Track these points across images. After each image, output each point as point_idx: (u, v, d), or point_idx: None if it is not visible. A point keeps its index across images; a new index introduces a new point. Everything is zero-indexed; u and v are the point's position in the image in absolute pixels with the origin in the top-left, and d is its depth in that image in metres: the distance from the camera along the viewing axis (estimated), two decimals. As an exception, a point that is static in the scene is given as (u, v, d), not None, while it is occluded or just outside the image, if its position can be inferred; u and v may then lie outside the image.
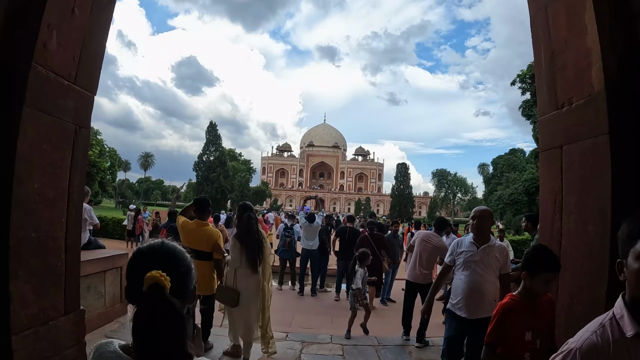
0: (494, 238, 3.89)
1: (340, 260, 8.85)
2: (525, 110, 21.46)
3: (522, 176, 64.06)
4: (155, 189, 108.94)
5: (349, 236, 8.80)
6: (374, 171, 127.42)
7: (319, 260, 9.25)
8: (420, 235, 6.15)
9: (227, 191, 40.19)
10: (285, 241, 9.41)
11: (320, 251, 9.19)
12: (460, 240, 3.98)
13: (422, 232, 6.34)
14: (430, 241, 5.97)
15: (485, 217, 3.79)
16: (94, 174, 20.95)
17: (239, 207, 4.89)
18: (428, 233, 6.17)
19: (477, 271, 3.69)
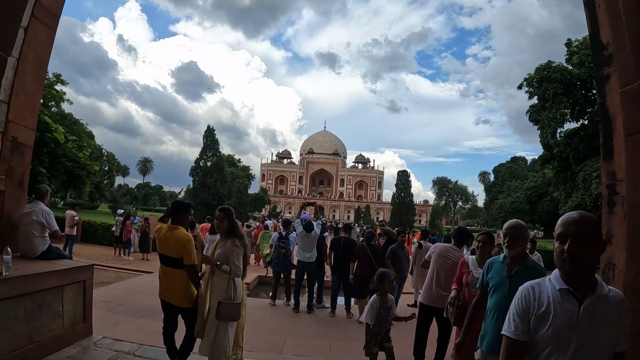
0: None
1: (335, 274, 7.97)
2: (533, 115, 20.68)
3: (523, 184, 63.36)
4: (154, 194, 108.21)
5: (344, 247, 7.94)
6: (373, 179, 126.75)
7: (316, 274, 8.38)
8: (438, 250, 5.18)
9: (224, 197, 39.31)
10: (279, 252, 8.48)
11: (317, 263, 8.31)
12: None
13: (440, 245, 5.36)
14: (450, 257, 5.02)
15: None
16: (83, 177, 20.07)
17: (217, 210, 4.26)
18: (447, 247, 5.17)
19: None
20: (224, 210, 4.16)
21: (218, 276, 4.03)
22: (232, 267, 3.96)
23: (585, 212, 1.85)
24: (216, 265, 3.99)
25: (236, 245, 4.01)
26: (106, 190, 60.38)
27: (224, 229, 4.08)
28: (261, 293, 10.87)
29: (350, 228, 8.93)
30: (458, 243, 5.16)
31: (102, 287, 9.28)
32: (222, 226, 4.08)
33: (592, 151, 20.13)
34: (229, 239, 4.05)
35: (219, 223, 4.08)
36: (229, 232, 4.08)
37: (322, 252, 8.45)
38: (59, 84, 21.09)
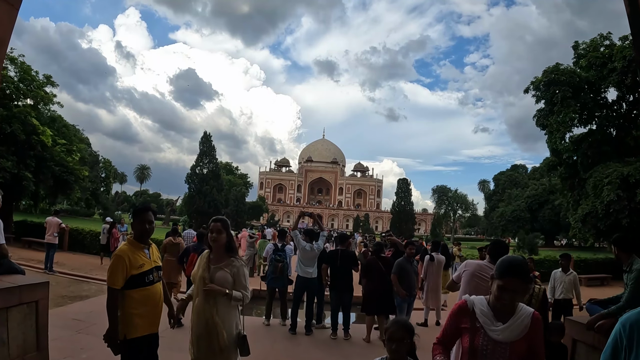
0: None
1: (333, 291, 7.05)
2: (540, 119, 19.93)
3: (524, 192, 62.73)
4: (151, 202, 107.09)
5: (341, 261, 7.03)
6: (372, 187, 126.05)
7: (318, 292, 7.49)
8: (471, 268, 4.16)
9: (220, 205, 38.38)
10: (275, 267, 7.51)
11: (318, 279, 7.44)
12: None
13: (472, 263, 4.34)
14: (486, 277, 4.00)
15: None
16: (71, 182, 19.16)
17: (212, 221, 3.43)
18: (481, 265, 4.15)
19: None
20: (221, 221, 3.32)
21: (224, 305, 3.14)
22: (244, 294, 3.19)
23: None
24: (225, 294, 3.11)
25: (243, 265, 3.30)
26: (102, 198, 59.58)
27: (222, 244, 3.26)
28: (254, 309, 9.89)
29: (346, 239, 7.95)
30: (494, 260, 4.18)
31: (78, 302, 8.42)
32: (220, 240, 3.25)
33: (601, 157, 19.39)
34: (229, 256, 3.26)
35: (216, 236, 3.24)
36: (228, 248, 3.28)
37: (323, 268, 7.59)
38: (49, 85, 20.31)
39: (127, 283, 3.09)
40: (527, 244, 23.67)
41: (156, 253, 3.44)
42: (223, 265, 3.21)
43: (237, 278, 3.18)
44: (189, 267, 7.17)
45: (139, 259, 3.18)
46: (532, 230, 61.84)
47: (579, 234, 19.24)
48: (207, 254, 3.35)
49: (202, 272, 3.24)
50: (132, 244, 3.25)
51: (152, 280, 3.24)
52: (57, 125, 21.86)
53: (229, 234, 3.30)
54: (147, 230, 3.28)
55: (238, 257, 3.31)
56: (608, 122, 19.47)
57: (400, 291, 6.62)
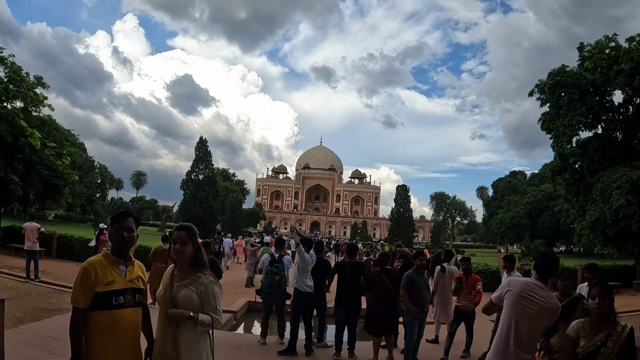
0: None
1: (340, 307, 6.35)
2: (546, 123, 19.40)
3: (523, 199, 62.32)
4: (148, 208, 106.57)
5: (351, 275, 6.35)
6: (370, 194, 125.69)
7: (319, 305, 6.82)
8: (517, 288, 3.29)
9: (216, 212, 37.65)
10: (272, 280, 6.80)
11: (318, 292, 6.75)
12: None
13: (518, 281, 3.36)
14: (535, 299, 3.20)
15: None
16: (60, 186, 18.44)
17: (176, 229, 2.81)
18: (528, 284, 3.28)
19: None
20: (185, 229, 2.74)
21: (188, 331, 2.57)
22: (214, 317, 2.63)
23: None
24: (189, 317, 2.53)
25: (214, 283, 2.71)
26: (98, 204, 58.73)
27: (188, 257, 2.68)
28: (250, 324, 9.17)
29: (356, 250, 7.32)
30: (544, 275, 3.34)
31: (57, 315, 7.68)
32: (185, 252, 2.67)
33: (608, 161, 18.86)
34: (196, 272, 2.69)
35: (180, 248, 2.67)
36: (194, 261, 2.70)
37: (322, 278, 6.89)
38: (39, 87, 19.68)
39: (92, 302, 2.47)
40: (532, 252, 23.01)
41: (138, 272, 2.75)
42: (188, 282, 2.65)
43: (205, 298, 2.62)
44: None
45: (108, 275, 2.56)
46: (532, 236, 61.46)
47: (586, 241, 18.61)
48: (171, 269, 2.77)
49: (163, 292, 2.65)
50: (105, 257, 2.64)
51: (123, 304, 2.55)
52: (47, 128, 21.21)
53: (196, 245, 2.72)
54: (125, 240, 2.64)
55: (207, 272, 2.71)
56: (614, 126, 18.98)
57: (412, 308, 5.84)
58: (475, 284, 6.91)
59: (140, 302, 2.70)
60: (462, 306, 6.84)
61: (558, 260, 3.48)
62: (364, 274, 6.66)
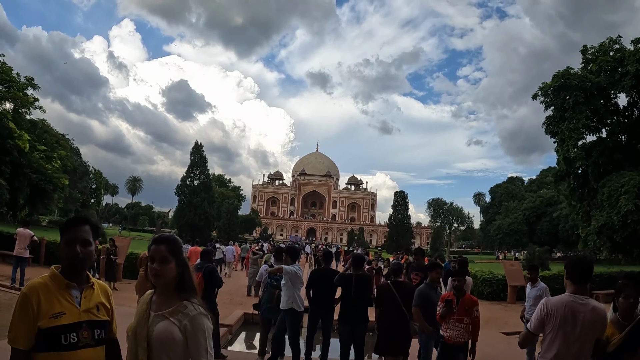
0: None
1: (344, 325, 5.69)
2: (550, 127, 19.04)
3: (521, 205, 62.07)
4: (144, 214, 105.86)
5: (356, 289, 5.67)
6: (366, 201, 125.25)
7: (325, 321, 6.19)
8: (561, 310, 2.83)
9: (212, 218, 36.96)
10: (272, 294, 6.24)
11: (327, 308, 6.13)
12: None
13: (558, 302, 2.91)
14: (580, 318, 2.79)
15: None
16: (50, 191, 17.79)
17: (154, 242, 2.12)
18: (570, 303, 2.84)
19: None
20: (166, 243, 2.03)
21: None
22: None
23: None
24: None
25: (204, 316, 1.96)
26: (92, 209, 58.04)
27: (170, 280, 1.98)
28: (247, 339, 8.47)
29: (362, 262, 6.39)
30: (582, 285, 2.90)
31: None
32: (166, 273, 1.97)
33: (613, 165, 18.54)
34: (181, 299, 1.97)
35: (159, 268, 1.96)
36: (180, 286, 2.00)
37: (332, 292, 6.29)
38: (30, 87, 19.10)
39: (36, 341, 1.83)
40: (538, 259, 22.44)
41: (100, 298, 2.05)
42: (169, 312, 1.93)
43: (191, 336, 1.90)
44: None
45: (56, 304, 1.89)
46: (531, 242, 61.13)
47: (592, 247, 18.19)
48: (148, 296, 2.06)
49: (135, 325, 1.97)
50: (53, 278, 1.94)
51: (75, 343, 1.88)
52: (37, 131, 20.61)
53: (181, 263, 2.01)
54: (78, 256, 1.93)
55: (195, 300, 1.99)
56: (620, 129, 18.65)
57: (426, 327, 5.21)
58: (471, 308, 4.86)
59: (103, 339, 1.99)
60: (451, 338, 4.83)
61: (592, 264, 3.06)
62: (371, 287, 6.09)
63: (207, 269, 6.28)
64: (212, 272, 6.30)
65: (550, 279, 15.91)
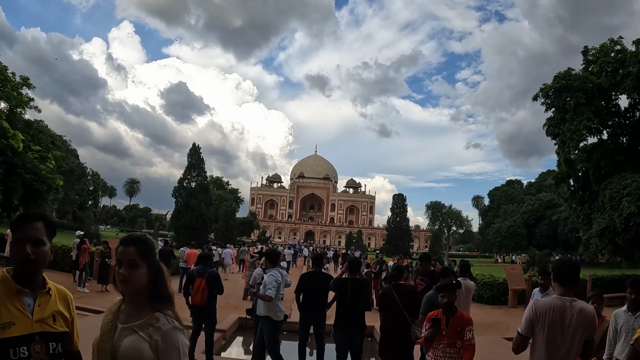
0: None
1: (340, 332, 5.37)
2: (551, 128, 18.82)
3: (520, 208, 62.01)
4: (142, 216, 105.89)
5: (352, 294, 5.37)
6: (365, 204, 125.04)
7: (318, 326, 5.93)
8: (550, 313, 2.89)
9: (209, 220, 36.69)
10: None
11: (320, 313, 5.88)
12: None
13: (546, 305, 2.95)
14: (567, 319, 2.87)
15: None
16: (43, 192, 17.52)
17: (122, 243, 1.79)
18: (557, 305, 2.90)
19: None
20: (135, 244, 1.74)
21: None
22: None
23: None
24: None
25: (179, 330, 1.70)
26: (89, 211, 57.69)
27: (140, 287, 1.71)
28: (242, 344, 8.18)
29: (359, 265, 5.99)
30: (569, 287, 2.97)
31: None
32: (135, 280, 1.70)
33: (615, 167, 18.32)
34: (153, 310, 1.70)
35: (128, 272, 1.68)
36: (152, 295, 1.73)
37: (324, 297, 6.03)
38: (25, 87, 18.87)
39: None
40: (538, 262, 22.25)
41: (57, 306, 1.79)
42: (138, 325, 1.66)
43: (162, 354, 1.63)
44: (195, 295, 5.92)
45: (4, 313, 1.63)
46: (529, 246, 61.01)
47: (594, 250, 17.96)
48: (117, 305, 1.78)
49: (100, 338, 1.70)
50: (3, 282, 1.69)
51: (26, 358, 1.62)
52: (32, 131, 20.36)
53: (153, 268, 1.73)
54: (28, 258, 1.68)
55: (169, 312, 1.72)
56: (622, 130, 18.46)
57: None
58: (463, 329, 3.91)
59: (59, 353, 1.74)
60: None
61: (579, 266, 3.17)
62: (369, 292, 5.85)
63: (210, 274, 6.04)
64: (216, 278, 6.05)
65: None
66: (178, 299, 1.92)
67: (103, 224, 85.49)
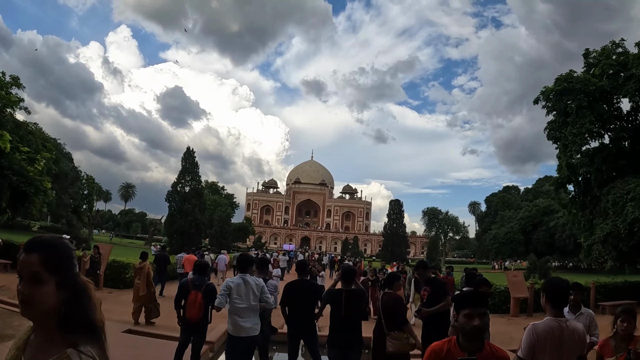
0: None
1: (334, 349, 4.88)
2: (552, 132, 18.46)
3: (517, 214, 61.76)
4: (137, 221, 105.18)
5: (347, 306, 4.87)
6: (361, 210, 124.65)
7: (311, 338, 5.38)
8: (548, 329, 2.92)
9: (202, 226, 36.05)
10: None
11: (308, 324, 5.35)
12: None
13: (544, 330, 2.93)
14: (562, 341, 2.89)
15: None
16: (31, 194, 16.93)
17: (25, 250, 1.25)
18: (553, 329, 2.91)
19: None
20: (41, 250, 1.23)
21: None
22: None
23: None
24: None
25: None
26: (84, 215, 56.92)
27: (49, 308, 1.20)
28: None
29: (353, 275, 5.27)
30: (560, 308, 3.03)
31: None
32: (40, 300, 1.19)
33: (617, 172, 17.99)
34: (65, 343, 1.19)
35: (31, 290, 1.19)
36: (65, 322, 1.21)
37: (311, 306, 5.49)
38: (14, 87, 18.34)
39: None
40: (539, 269, 21.76)
41: None
42: None
43: None
44: (190, 310, 5.31)
45: None
46: (526, 252, 60.76)
47: (597, 256, 17.55)
48: (27, 331, 1.29)
49: None
50: None
51: None
52: (21, 132, 19.79)
53: (68, 284, 1.25)
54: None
55: (85, 346, 1.20)
56: (624, 134, 18.13)
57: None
58: None
59: None
60: None
61: (569, 288, 3.24)
62: (365, 304, 5.37)
63: (207, 287, 5.44)
64: (213, 292, 5.37)
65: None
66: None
67: (97, 228, 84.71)
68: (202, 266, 5.91)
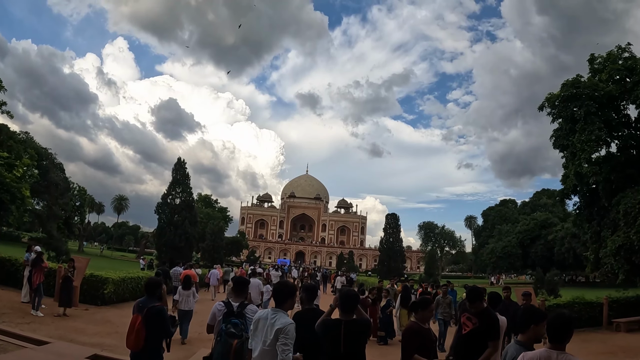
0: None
1: None
2: (559, 140, 17.71)
3: (515, 228, 60.92)
4: (130, 234, 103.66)
5: (346, 341, 3.73)
6: (356, 224, 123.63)
7: None
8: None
9: (193, 239, 34.78)
10: (228, 345, 3.97)
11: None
12: None
13: (538, 356, 2.98)
14: None
15: None
16: (7, 202, 15.79)
17: None
18: (547, 357, 2.93)
19: None
20: None
21: None
22: None
23: None
24: None
25: None
26: (74, 227, 55.43)
27: None
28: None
29: (356, 302, 3.96)
30: (561, 343, 2.96)
31: None
32: None
33: (626, 181, 17.22)
34: None
35: None
36: None
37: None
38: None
39: None
40: (546, 284, 20.70)
41: None
42: None
43: None
44: (128, 337, 4.32)
45: None
46: (525, 266, 59.76)
47: (609, 269, 16.62)
48: None
49: None
50: None
51: None
52: (1, 137, 18.76)
53: None
54: None
55: None
56: (634, 141, 17.41)
57: None
58: None
59: None
60: None
61: (572, 323, 3.08)
62: (369, 335, 4.27)
63: (150, 311, 4.31)
64: (159, 316, 4.35)
65: (564, 307, 14.31)
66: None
67: (89, 240, 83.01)
68: (149, 285, 4.69)
